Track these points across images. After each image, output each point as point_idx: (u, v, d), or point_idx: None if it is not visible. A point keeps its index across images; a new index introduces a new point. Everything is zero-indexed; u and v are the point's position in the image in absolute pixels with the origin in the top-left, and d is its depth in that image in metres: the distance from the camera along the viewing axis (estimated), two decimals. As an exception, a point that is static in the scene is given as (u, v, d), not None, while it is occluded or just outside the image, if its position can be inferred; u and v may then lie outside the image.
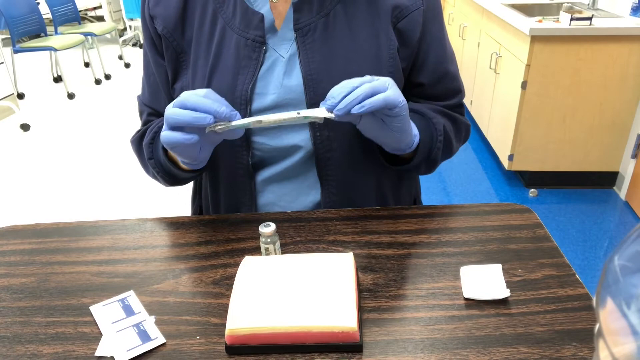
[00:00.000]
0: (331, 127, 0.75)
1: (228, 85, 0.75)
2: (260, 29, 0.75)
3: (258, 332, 0.51)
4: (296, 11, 0.75)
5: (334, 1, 0.75)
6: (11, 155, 3.33)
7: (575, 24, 2.18)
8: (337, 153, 0.76)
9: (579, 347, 0.51)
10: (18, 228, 0.77)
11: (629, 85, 2.27)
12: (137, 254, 0.69)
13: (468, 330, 0.53)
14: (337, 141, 0.76)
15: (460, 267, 0.62)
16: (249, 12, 0.75)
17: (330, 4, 0.75)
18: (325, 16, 0.75)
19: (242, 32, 0.75)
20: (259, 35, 0.75)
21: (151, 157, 0.77)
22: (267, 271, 0.58)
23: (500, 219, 0.73)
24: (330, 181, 0.77)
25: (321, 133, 0.75)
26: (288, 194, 0.80)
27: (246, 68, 0.75)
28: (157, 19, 0.77)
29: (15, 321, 0.58)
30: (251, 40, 0.75)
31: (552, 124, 2.40)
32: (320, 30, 0.75)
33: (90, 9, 6.51)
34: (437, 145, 0.77)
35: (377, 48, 0.75)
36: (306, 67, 0.74)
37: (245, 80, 0.74)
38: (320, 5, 0.75)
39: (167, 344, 0.54)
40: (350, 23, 0.75)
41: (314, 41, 0.75)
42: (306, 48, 0.74)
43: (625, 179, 2.43)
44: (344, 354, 0.51)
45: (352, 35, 0.75)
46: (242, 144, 0.76)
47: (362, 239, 0.69)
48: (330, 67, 0.74)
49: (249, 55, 0.75)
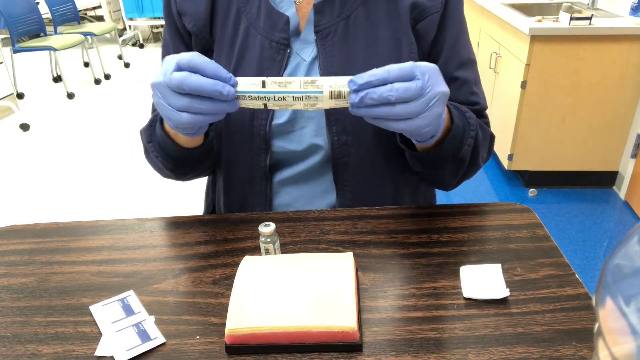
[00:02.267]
0: (349, 131, 0.74)
1: None
2: (285, 31, 0.73)
3: (258, 332, 0.51)
4: (317, 13, 0.73)
5: (356, 2, 0.73)
6: (11, 155, 3.33)
7: (575, 23, 2.18)
8: (354, 158, 0.75)
9: (578, 347, 0.51)
10: (18, 228, 0.77)
11: (629, 85, 2.27)
12: (136, 253, 0.69)
13: (468, 329, 0.53)
14: (355, 146, 0.74)
15: (460, 266, 0.62)
16: (274, 14, 0.74)
17: (352, 5, 0.73)
18: (346, 18, 0.73)
19: (267, 33, 0.74)
20: (283, 38, 0.73)
21: (150, 140, 0.76)
22: (267, 271, 0.58)
23: (500, 218, 0.73)
24: (346, 186, 0.77)
25: (339, 137, 0.74)
26: (303, 196, 0.79)
27: (269, 70, 0.73)
28: (186, 16, 0.76)
29: (14, 321, 0.58)
30: (276, 43, 0.73)
31: (552, 123, 2.40)
32: (341, 33, 0.73)
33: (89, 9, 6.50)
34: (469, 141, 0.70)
35: (398, 52, 0.74)
36: (325, 72, 0.73)
37: None
38: (342, 7, 0.73)
39: (167, 343, 0.54)
40: (372, 26, 0.74)
41: (334, 44, 0.73)
42: (326, 51, 0.73)
43: (625, 178, 2.43)
44: (343, 353, 0.51)
45: (373, 38, 0.73)
46: (260, 146, 0.75)
47: (362, 239, 0.69)
48: (350, 70, 0.72)
49: (273, 57, 0.73)
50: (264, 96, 0.56)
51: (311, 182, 0.79)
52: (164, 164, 0.76)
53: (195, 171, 0.80)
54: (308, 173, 0.78)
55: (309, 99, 0.56)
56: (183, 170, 0.78)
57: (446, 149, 0.68)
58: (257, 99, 0.57)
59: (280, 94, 0.56)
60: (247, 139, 0.76)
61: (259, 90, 0.56)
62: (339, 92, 0.56)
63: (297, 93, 0.56)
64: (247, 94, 0.57)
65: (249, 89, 0.56)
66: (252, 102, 0.57)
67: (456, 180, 0.76)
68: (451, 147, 0.68)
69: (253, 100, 0.57)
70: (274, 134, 0.75)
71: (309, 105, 0.57)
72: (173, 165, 0.75)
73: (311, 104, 0.57)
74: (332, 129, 0.74)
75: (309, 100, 0.57)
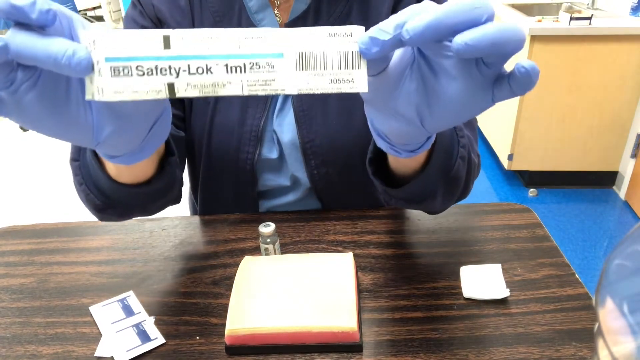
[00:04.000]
0: (329, 162, 0.71)
1: (236, 119, 0.69)
2: None
3: (258, 332, 0.51)
4: None
5: (329, 22, 0.69)
6: (10, 156, 3.33)
7: (575, 23, 2.18)
8: (338, 186, 0.74)
9: (578, 347, 0.51)
10: (17, 228, 0.77)
11: (629, 85, 2.27)
12: (136, 254, 0.69)
13: (468, 330, 0.53)
14: (336, 175, 0.72)
15: (460, 267, 0.62)
16: None
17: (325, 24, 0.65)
18: None
19: None
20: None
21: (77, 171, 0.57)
22: (267, 271, 0.57)
23: (500, 218, 0.73)
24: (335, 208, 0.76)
25: (318, 170, 0.71)
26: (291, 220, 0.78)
27: (256, 100, 0.69)
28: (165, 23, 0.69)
29: (14, 322, 0.58)
30: None
31: (552, 123, 2.40)
32: None
33: (90, 9, 6.51)
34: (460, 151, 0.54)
35: None
36: (298, 102, 0.68)
37: (256, 114, 0.69)
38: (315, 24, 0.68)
39: (166, 344, 0.54)
40: None
41: None
42: None
43: (625, 178, 2.43)
44: (344, 354, 0.51)
45: None
46: (246, 179, 0.73)
47: (362, 239, 0.69)
48: (325, 100, 0.69)
49: None
50: (168, 67, 0.31)
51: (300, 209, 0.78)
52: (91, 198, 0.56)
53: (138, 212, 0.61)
54: (295, 203, 0.77)
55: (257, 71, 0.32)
56: (118, 210, 0.58)
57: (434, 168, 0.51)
58: (154, 74, 0.31)
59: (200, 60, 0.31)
60: (232, 173, 0.72)
61: (158, 56, 0.31)
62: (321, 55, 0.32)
63: (233, 58, 0.31)
64: (133, 61, 0.31)
65: (136, 54, 0.31)
66: (144, 81, 0.31)
67: (449, 205, 0.62)
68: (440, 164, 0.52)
69: (146, 77, 0.31)
70: (261, 168, 0.73)
71: (255, 84, 0.32)
72: (103, 202, 0.56)
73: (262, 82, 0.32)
74: (310, 163, 0.71)
75: (257, 74, 0.32)
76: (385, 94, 0.36)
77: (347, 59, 0.32)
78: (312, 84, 0.32)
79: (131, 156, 0.43)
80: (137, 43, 0.31)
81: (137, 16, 0.69)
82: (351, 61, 0.32)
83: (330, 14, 0.69)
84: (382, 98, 0.37)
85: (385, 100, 0.37)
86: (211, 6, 0.69)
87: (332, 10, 0.69)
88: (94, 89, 0.31)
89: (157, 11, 0.69)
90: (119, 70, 0.31)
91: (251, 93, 0.32)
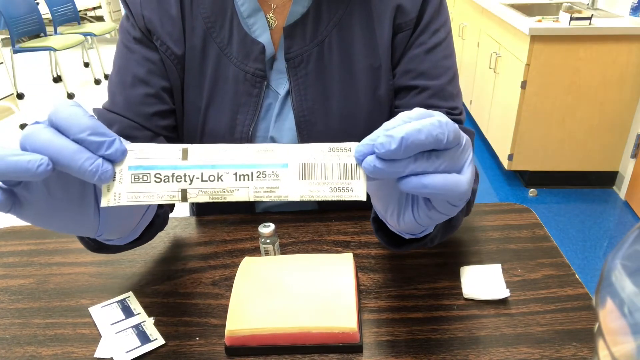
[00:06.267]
0: None
1: (226, 126, 0.68)
2: (260, 61, 0.66)
3: (258, 333, 0.51)
4: (287, 37, 0.66)
5: (330, 25, 0.67)
6: (11, 156, 3.32)
7: (575, 23, 2.18)
8: None
9: (579, 347, 0.51)
10: (16, 229, 0.77)
11: (629, 85, 2.27)
12: (136, 254, 0.69)
13: (468, 330, 0.53)
14: None
15: (460, 267, 0.62)
16: (248, 41, 0.66)
17: (325, 28, 0.66)
18: (320, 44, 0.66)
19: (241, 63, 0.66)
20: (259, 69, 0.66)
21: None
22: (267, 272, 0.57)
23: (500, 218, 0.72)
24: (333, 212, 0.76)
25: None
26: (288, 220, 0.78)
27: (246, 106, 0.67)
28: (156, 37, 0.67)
29: (13, 323, 0.58)
30: (251, 75, 0.66)
31: (552, 123, 2.40)
32: (314, 61, 0.66)
33: (89, 9, 6.51)
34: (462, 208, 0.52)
35: (377, 81, 0.68)
36: (299, 106, 0.66)
37: (245, 120, 0.67)
38: (314, 31, 0.66)
39: (166, 345, 0.53)
40: (347, 52, 0.67)
41: (307, 74, 0.66)
42: (298, 83, 0.66)
43: (625, 178, 2.43)
44: (344, 354, 0.51)
45: (349, 66, 0.67)
46: None
47: (362, 239, 0.69)
48: (326, 105, 0.67)
49: (249, 91, 0.67)
50: (184, 174, 0.35)
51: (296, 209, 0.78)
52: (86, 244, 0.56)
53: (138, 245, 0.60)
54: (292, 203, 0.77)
55: (263, 179, 0.35)
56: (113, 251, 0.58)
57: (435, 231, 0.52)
58: (169, 181, 0.35)
59: (212, 169, 0.35)
60: None
61: (176, 165, 0.35)
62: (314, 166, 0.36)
63: (242, 167, 0.35)
64: (152, 170, 0.35)
65: (156, 163, 0.35)
66: (161, 187, 0.35)
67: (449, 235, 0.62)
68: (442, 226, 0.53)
69: (162, 184, 0.35)
70: None
71: (261, 191, 0.35)
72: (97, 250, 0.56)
73: (267, 189, 0.35)
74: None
75: (263, 181, 0.35)
76: (376, 195, 0.41)
77: (346, 171, 0.35)
78: (313, 192, 0.35)
79: (124, 239, 0.51)
80: (158, 154, 0.35)
81: (130, 28, 0.68)
82: (350, 172, 0.35)
83: (330, 18, 0.67)
84: (376, 197, 0.42)
85: (378, 199, 0.42)
86: (203, 12, 0.67)
87: (332, 15, 0.67)
88: (110, 196, 0.35)
89: (148, 22, 0.67)
90: (139, 177, 0.35)
91: (257, 199, 0.35)
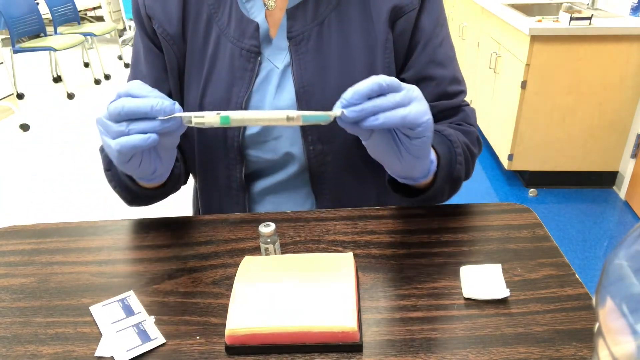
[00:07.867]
0: (325, 140, 0.73)
1: (222, 98, 0.73)
2: (255, 38, 0.72)
3: (258, 332, 0.51)
4: (290, 18, 0.72)
5: (329, 7, 0.72)
6: (11, 156, 3.33)
7: (575, 23, 2.18)
8: (331, 166, 0.75)
9: (578, 347, 0.51)
10: (17, 228, 0.77)
11: (629, 85, 2.27)
12: (136, 254, 0.69)
13: (468, 330, 0.53)
14: (331, 154, 0.74)
15: (460, 267, 0.62)
16: (244, 21, 0.72)
17: (325, 10, 0.72)
18: (320, 24, 0.72)
19: (237, 41, 0.72)
20: (254, 45, 0.72)
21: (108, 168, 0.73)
22: (267, 271, 0.58)
23: (500, 218, 0.73)
24: (325, 194, 0.77)
25: (314, 147, 0.73)
26: (285, 203, 0.80)
27: (241, 79, 0.72)
28: (156, 20, 0.74)
29: (14, 321, 0.58)
30: (246, 50, 0.72)
31: (552, 123, 2.41)
32: (314, 39, 0.72)
33: (89, 9, 6.51)
34: (458, 159, 0.68)
35: (373, 57, 0.72)
36: (299, 79, 0.71)
37: (240, 92, 0.72)
38: (315, 12, 0.72)
39: (167, 344, 0.54)
40: (345, 31, 0.72)
41: (307, 51, 0.71)
42: (299, 58, 0.71)
43: (625, 178, 2.43)
44: (344, 354, 0.51)
45: (347, 44, 0.72)
46: (235, 157, 0.75)
47: (362, 239, 0.69)
48: (324, 78, 0.71)
49: (244, 66, 0.72)
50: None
51: (291, 190, 0.79)
52: (122, 195, 0.75)
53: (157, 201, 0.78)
54: (287, 182, 0.78)
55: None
56: (143, 203, 0.77)
57: (439, 182, 0.66)
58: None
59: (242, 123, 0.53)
60: (222, 151, 0.76)
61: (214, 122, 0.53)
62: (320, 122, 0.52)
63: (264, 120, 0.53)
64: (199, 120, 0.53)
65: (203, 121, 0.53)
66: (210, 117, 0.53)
67: (457, 191, 0.74)
68: (443, 176, 0.67)
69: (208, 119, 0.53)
70: (248, 144, 0.75)
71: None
72: (131, 199, 0.75)
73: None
74: (307, 139, 0.73)
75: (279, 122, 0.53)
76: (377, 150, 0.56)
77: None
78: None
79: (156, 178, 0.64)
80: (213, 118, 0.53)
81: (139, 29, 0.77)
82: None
83: (329, 0, 0.72)
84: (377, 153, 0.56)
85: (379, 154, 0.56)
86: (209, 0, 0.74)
87: None
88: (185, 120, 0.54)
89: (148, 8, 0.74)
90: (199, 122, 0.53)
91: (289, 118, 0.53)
